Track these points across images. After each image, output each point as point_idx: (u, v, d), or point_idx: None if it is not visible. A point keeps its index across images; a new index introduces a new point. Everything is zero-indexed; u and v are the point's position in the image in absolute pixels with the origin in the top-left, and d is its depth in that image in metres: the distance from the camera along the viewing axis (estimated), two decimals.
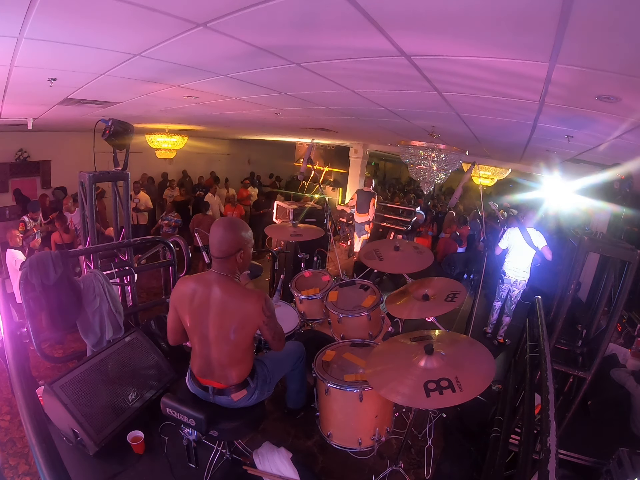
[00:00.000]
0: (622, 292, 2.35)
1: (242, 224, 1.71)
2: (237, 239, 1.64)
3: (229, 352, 1.70)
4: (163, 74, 2.46)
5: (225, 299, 1.64)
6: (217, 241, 1.63)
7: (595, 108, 1.98)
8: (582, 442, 2.64)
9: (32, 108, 4.02)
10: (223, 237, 1.63)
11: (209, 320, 1.67)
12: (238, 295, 1.64)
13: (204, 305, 1.66)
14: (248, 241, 1.69)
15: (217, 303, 1.65)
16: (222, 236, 1.63)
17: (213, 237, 1.64)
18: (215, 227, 1.66)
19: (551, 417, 1.43)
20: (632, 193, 2.37)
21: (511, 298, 4.18)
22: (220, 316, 1.64)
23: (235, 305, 1.63)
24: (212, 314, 1.66)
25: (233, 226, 1.66)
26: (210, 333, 1.68)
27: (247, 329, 1.67)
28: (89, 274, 2.76)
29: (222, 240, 1.63)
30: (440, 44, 1.49)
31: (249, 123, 5.69)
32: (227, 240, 1.63)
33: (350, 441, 2.06)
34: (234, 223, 1.70)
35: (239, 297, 1.64)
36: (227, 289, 1.65)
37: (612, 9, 0.97)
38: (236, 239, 1.64)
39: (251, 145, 11.82)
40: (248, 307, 1.63)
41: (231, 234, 1.64)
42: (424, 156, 3.47)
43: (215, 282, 1.66)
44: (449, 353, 1.77)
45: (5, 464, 2.34)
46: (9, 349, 1.77)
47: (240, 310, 1.63)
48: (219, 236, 1.63)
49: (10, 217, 6.66)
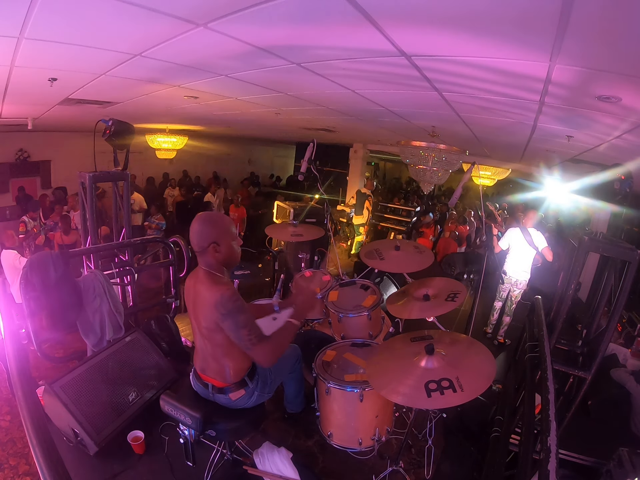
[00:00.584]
0: (622, 292, 2.35)
1: (218, 218, 1.70)
2: (210, 233, 1.62)
3: (216, 347, 1.71)
4: (163, 74, 2.46)
5: (200, 292, 1.66)
6: (192, 235, 1.65)
7: (595, 108, 1.98)
8: (582, 442, 2.64)
9: (32, 108, 4.02)
10: (196, 231, 1.64)
11: (197, 314, 1.70)
12: (205, 287, 1.64)
13: (194, 299, 1.71)
14: (225, 235, 1.65)
15: (198, 298, 1.68)
16: (195, 230, 1.64)
17: (190, 232, 1.66)
18: (193, 221, 1.67)
19: (551, 417, 1.43)
20: (632, 193, 2.37)
21: (511, 298, 4.17)
22: (196, 310, 1.69)
23: (203, 298, 1.64)
24: (196, 309, 1.70)
25: (207, 220, 1.66)
26: (200, 328, 1.71)
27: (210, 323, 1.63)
28: (89, 274, 2.76)
29: (195, 234, 1.64)
30: (440, 44, 1.49)
31: (249, 123, 5.69)
32: (199, 233, 1.63)
33: (351, 441, 2.06)
34: (209, 217, 1.70)
35: (204, 290, 1.63)
36: (202, 282, 1.66)
37: (612, 9, 0.97)
38: (209, 233, 1.62)
39: (251, 145, 11.82)
40: (207, 300, 1.60)
41: (203, 227, 1.63)
42: (424, 156, 3.46)
43: (199, 276, 1.69)
44: (449, 353, 1.77)
45: (6, 464, 2.34)
46: (9, 349, 1.77)
47: (205, 303, 1.62)
48: (193, 230, 1.64)
49: (11, 217, 6.65)
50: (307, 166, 3.22)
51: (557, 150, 3.86)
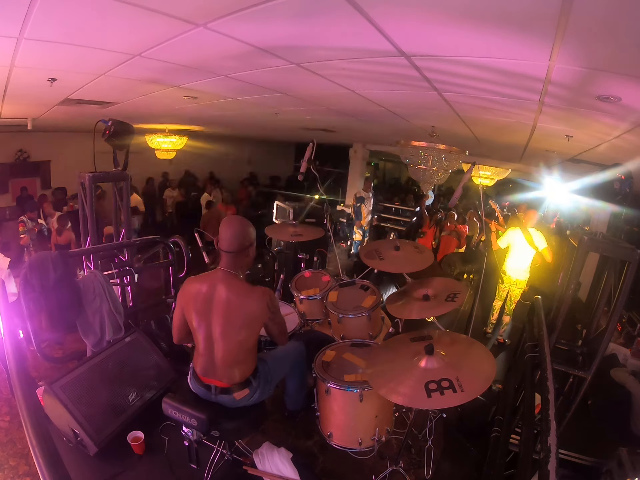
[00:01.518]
0: (622, 292, 2.35)
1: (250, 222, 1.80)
2: (251, 233, 1.74)
3: (234, 350, 1.71)
4: (163, 74, 2.46)
5: (230, 297, 1.65)
6: (231, 235, 1.69)
7: (595, 108, 1.98)
8: (582, 442, 2.64)
9: (32, 108, 4.02)
10: (237, 231, 1.70)
11: (213, 318, 1.68)
12: (242, 292, 1.66)
13: (209, 303, 1.68)
14: (254, 238, 1.78)
15: (222, 301, 1.66)
16: (236, 230, 1.70)
17: (226, 232, 1.69)
18: (228, 222, 1.73)
19: (551, 416, 1.43)
20: (632, 193, 2.37)
21: (511, 298, 4.19)
22: (225, 314, 1.66)
23: (240, 302, 1.65)
24: (217, 313, 1.67)
25: (244, 222, 1.76)
26: (215, 332, 1.69)
27: (252, 327, 1.69)
28: (89, 274, 2.76)
29: (236, 234, 1.69)
30: (440, 43, 1.49)
31: (249, 123, 5.70)
32: (241, 234, 1.70)
33: (351, 441, 2.06)
34: (245, 219, 1.79)
35: (243, 295, 1.66)
36: (232, 286, 1.67)
37: (612, 9, 0.97)
38: (248, 233, 1.73)
39: (251, 145, 11.81)
40: (252, 304, 1.65)
41: (245, 229, 1.72)
42: (423, 156, 3.46)
43: (220, 280, 1.69)
44: (449, 353, 1.77)
45: (5, 465, 2.34)
46: (9, 349, 1.77)
47: (245, 308, 1.65)
48: (233, 230, 1.69)
49: (11, 218, 6.64)
50: (306, 166, 3.22)
51: (557, 150, 3.86)
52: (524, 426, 1.92)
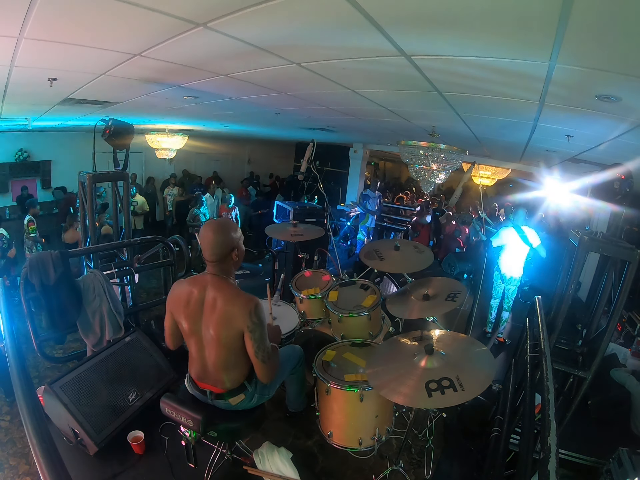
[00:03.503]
0: (622, 292, 2.35)
1: (230, 224, 1.70)
2: (229, 240, 1.62)
3: (222, 355, 1.66)
4: (163, 74, 2.46)
5: (218, 301, 1.61)
6: (210, 245, 1.60)
7: (595, 108, 1.98)
8: (582, 442, 2.64)
9: (32, 108, 4.02)
10: (214, 241, 1.60)
11: (203, 323, 1.64)
12: (229, 295, 1.61)
13: (199, 307, 1.64)
14: (239, 239, 1.67)
15: (210, 305, 1.62)
16: (213, 240, 1.60)
17: (204, 241, 1.62)
18: (205, 231, 1.63)
19: (551, 416, 1.43)
20: (632, 193, 2.37)
21: (507, 295, 4.24)
22: (213, 318, 1.61)
23: (225, 306, 1.60)
24: (206, 316, 1.63)
25: (222, 228, 1.64)
26: (204, 336, 1.65)
27: (234, 331, 1.61)
28: (89, 274, 2.76)
29: (214, 244, 1.60)
30: (440, 43, 1.49)
31: (249, 123, 5.69)
32: (218, 243, 1.60)
33: (351, 441, 2.06)
34: (222, 225, 1.68)
35: (229, 298, 1.60)
36: (220, 290, 1.62)
37: (612, 9, 0.97)
38: (228, 240, 1.62)
39: (251, 145, 11.81)
40: (235, 309, 1.59)
41: (223, 236, 1.61)
42: (424, 156, 3.46)
43: (209, 283, 1.64)
44: (449, 353, 1.77)
45: (6, 464, 2.34)
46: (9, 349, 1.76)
47: (229, 312, 1.59)
48: (210, 241, 1.60)
49: (11, 217, 6.64)
50: (306, 166, 3.22)
51: (557, 150, 3.86)
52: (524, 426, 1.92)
